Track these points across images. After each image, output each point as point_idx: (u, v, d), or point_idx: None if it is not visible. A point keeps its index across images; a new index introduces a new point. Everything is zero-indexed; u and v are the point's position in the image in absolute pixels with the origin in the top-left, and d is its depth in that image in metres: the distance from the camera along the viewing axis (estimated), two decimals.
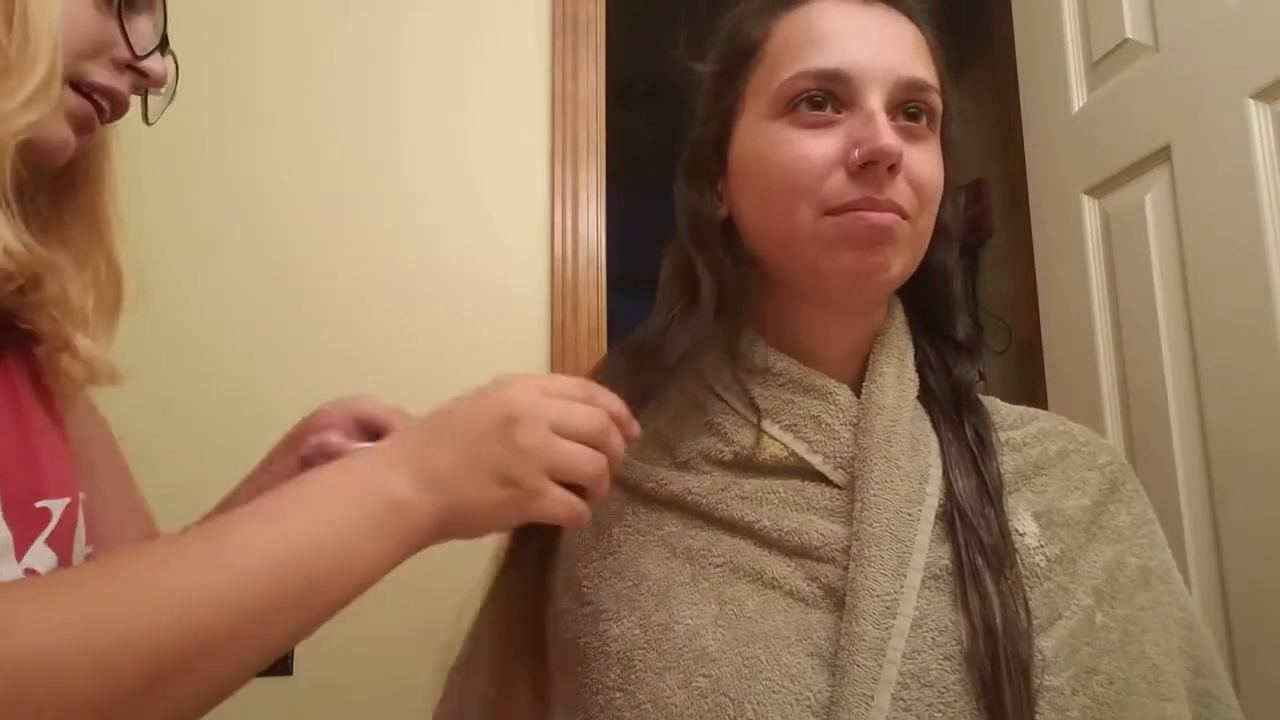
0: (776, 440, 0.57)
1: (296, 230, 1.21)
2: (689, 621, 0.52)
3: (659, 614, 0.53)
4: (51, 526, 0.52)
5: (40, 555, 0.51)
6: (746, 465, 0.57)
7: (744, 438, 0.57)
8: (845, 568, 0.51)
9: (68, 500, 0.54)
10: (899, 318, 0.61)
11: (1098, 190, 1.26)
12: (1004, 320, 1.94)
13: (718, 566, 0.54)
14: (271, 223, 1.20)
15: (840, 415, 0.56)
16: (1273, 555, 0.93)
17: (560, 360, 1.26)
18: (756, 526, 0.54)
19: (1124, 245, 1.19)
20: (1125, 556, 0.55)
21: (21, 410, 0.54)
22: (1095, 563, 0.54)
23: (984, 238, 2.05)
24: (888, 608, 0.49)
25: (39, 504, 0.51)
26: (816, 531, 0.53)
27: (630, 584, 0.55)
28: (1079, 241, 1.27)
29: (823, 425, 0.56)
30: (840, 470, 0.55)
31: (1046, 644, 0.49)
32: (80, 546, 0.55)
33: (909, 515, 0.52)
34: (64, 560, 0.53)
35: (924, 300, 0.63)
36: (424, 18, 1.32)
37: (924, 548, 0.51)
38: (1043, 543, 0.54)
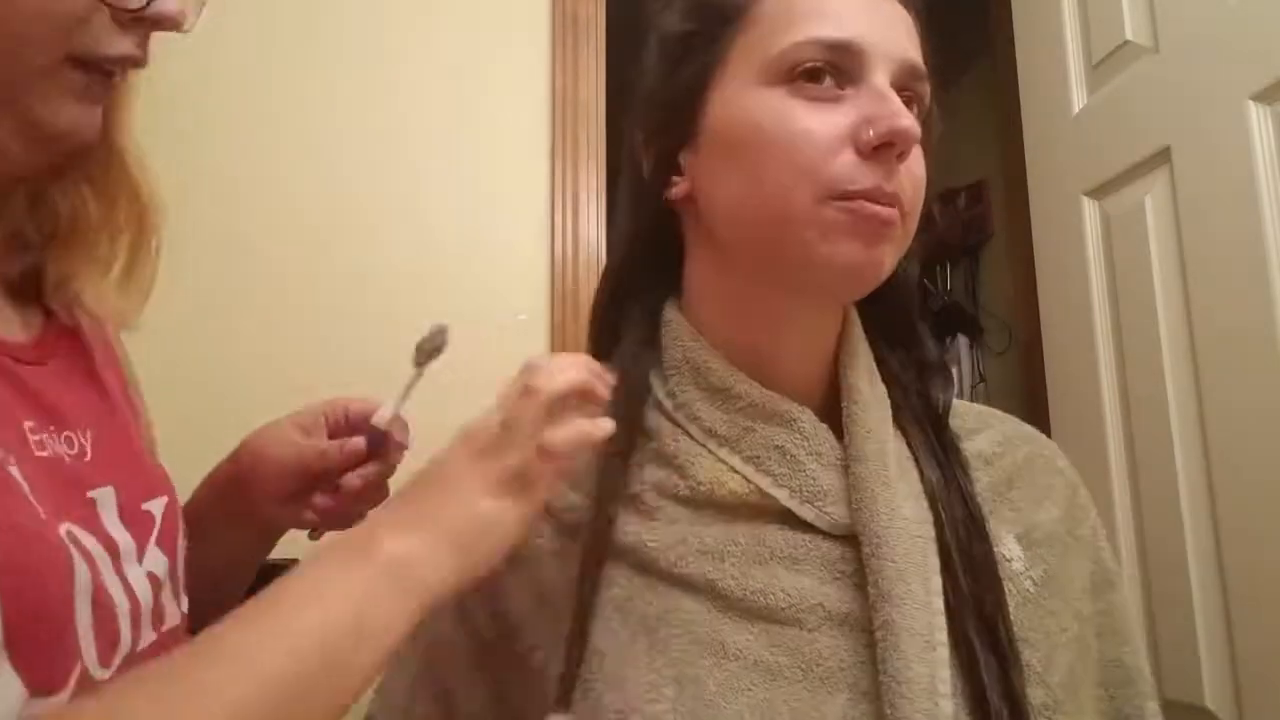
0: (737, 474, 0.51)
1: (296, 231, 1.21)
2: (645, 709, 0.47)
3: (612, 697, 0.48)
4: (157, 527, 0.52)
5: (155, 558, 0.50)
6: (705, 501, 0.51)
7: (700, 471, 0.51)
8: (810, 630, 0.48)
9: (165, 499, 0.54)
10: (859, 328, 0.57)
11: (1098, 192, 1.26)
12: (1004, 320, 1.94)
13: (676, 637, 0.48)
14: (271, 223, 1.20)
15: (805, 445, 0.51)
16: (1273, 555, 0.94)
17: None
18: (720, 586, 0.49)
19: (1124, 247, 1.19)
20: (1094, 566, 0.56)
21: (116, 411, 0.54)
22: (1074, 581, 0.54)
23: (984, 239, 2.05)
24: (927, 642, 0.46)
25: (144, 506, 0.52)
26: (782, 591, 0.48)
27: (583, 663, 0.50)
28: (1079, 243, 1.27)
29: (787, 456, 0.51)
30: (807, 505, 0.50)
31: (1054, 679, 0.49)
32: (182, 544, 0.54)
33: (920, 539, 0.49)
34: (172, 562, 0.52)
35: (883, 312, 0.58)
36: (424, 18, 1.32)
37: (939, 590, 0.48)
38: (1028, 566, 0.52)
